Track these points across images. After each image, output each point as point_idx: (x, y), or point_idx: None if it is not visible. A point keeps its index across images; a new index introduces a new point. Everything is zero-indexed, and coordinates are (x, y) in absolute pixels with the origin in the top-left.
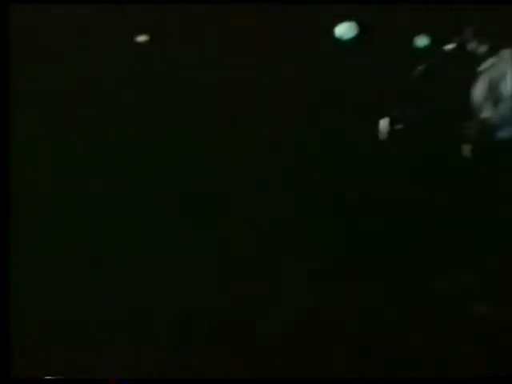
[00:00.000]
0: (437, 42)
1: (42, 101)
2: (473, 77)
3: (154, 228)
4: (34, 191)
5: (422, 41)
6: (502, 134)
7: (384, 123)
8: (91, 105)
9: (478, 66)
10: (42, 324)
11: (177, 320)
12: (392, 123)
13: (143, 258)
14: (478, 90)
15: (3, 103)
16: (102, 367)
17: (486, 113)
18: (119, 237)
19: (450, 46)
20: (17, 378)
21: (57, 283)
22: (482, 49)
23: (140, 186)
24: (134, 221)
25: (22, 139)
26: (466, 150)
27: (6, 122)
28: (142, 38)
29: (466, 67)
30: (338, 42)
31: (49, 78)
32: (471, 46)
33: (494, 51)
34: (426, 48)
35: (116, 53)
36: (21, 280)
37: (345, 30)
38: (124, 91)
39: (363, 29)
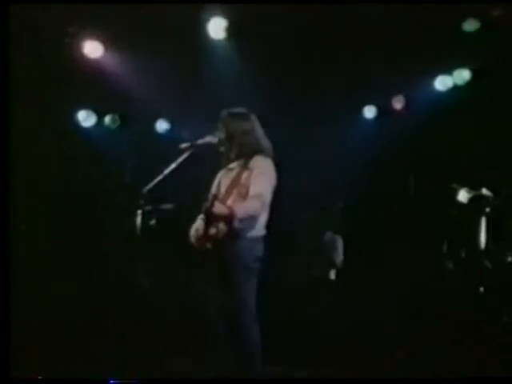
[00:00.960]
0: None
1: (40, 101)
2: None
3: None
4: (32, 192)
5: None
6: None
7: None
8: (89, 100)
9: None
10: (41, 324)
11: (178, 321)
12: (145, 217)
13: (143, 261)
14: (219, 186)
15: (3, 103)
16: (101, 367)
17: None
18: (119, 237)
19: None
20: (17, 378)
21: (57, 284)
22: (232, 149)
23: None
24: (133, 222)
25: (21, 140)
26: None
27: (5, 120)
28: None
29: (213, 166)
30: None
31: (48, 80)
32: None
33: (240, 154)
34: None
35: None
36: (21, 280)
37: (84, 116)
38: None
39: (100, 115)
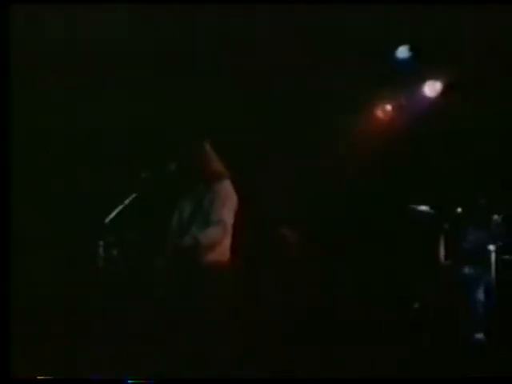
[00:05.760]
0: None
1: (41, 102)
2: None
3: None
4: (34, 194)
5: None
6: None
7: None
8: (90, 99)
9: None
10: (41, 324)
11: (180, 321)
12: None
13: (144, 257)
14: (187, 214)
15: (3, 103)
16: (101, 367)
17: (198, 232)
18: (121, 233)
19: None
20: (17, 378)
21: (57, 284)
22: (194, 175)
23: None
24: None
25: (22, 138)
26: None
27: (5, 120)
28: None
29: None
30: None
31: (48, 79)
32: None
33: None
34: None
35: (115, 51)
36: (21, 280)
37: None
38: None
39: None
